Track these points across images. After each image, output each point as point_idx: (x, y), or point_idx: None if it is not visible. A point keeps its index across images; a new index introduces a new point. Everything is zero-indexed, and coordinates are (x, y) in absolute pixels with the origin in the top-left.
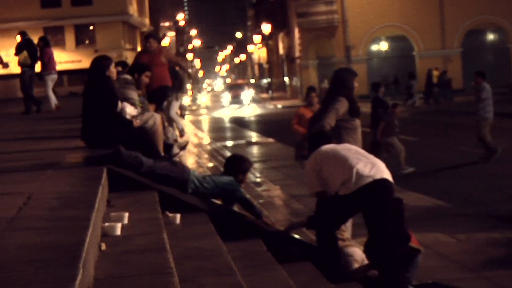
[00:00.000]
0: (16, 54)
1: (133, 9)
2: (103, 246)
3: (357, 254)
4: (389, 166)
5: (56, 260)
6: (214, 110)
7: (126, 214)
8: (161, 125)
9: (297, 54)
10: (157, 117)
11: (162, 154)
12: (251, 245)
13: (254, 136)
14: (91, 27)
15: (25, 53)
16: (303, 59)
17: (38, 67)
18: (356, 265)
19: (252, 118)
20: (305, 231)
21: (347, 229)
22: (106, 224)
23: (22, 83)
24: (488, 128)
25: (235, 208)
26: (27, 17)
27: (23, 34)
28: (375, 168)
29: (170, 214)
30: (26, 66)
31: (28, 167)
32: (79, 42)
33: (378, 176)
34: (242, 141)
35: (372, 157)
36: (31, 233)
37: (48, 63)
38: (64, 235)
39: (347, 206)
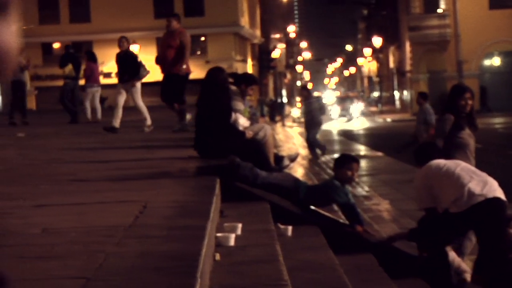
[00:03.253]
0: (61, 67)
1: (244, 20)
2: (217, 256)
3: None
4: None
5: (175, 268)
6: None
7: (240, 225)
8: (272, 136)
9: (407, 67)
10: (268, 129)
11: (273, 165)
12: (362, 259)
13: (362, 150)
14: (203, 38)
15: (70, 66)
16: (414, 73)
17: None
18: None
19: (361, 132)
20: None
21: (467, 247)
22: (220, 234)
23: (62, 93)
24: None
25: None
26: (140, 27)
27: (67, 47)
28: (488, 187)
29: (282, 226)
30: (70, 78)
31: (144, 175)
32: (191, 53)
33: (490, 195)
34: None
35: (484, 175)
36: (149, 242)
37: (90, 77)
38: (180, 244)
39: (458, 224)
